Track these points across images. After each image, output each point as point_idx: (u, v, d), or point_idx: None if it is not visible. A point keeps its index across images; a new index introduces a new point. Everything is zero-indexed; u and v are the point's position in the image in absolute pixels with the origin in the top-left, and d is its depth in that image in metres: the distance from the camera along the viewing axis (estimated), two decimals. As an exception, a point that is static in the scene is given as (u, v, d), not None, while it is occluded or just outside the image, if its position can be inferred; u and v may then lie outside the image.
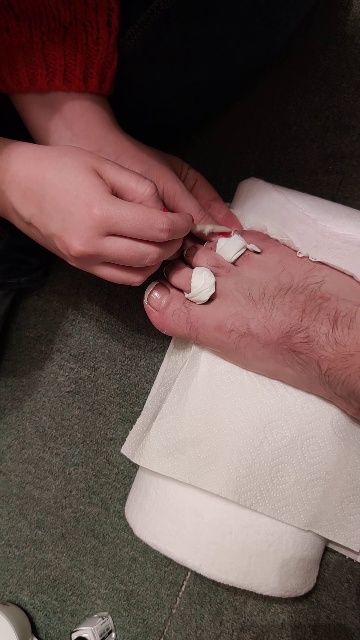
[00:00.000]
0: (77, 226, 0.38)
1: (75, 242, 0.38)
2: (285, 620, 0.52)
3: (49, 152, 0.39)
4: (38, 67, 0.41)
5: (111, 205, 0.37)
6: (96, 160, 0.39)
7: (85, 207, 0.37)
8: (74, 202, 0.37)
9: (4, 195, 0.40)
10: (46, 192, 0.38)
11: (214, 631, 0.53)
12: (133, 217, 0.38)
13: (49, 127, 0.44)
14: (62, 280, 0.61)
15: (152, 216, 0.38)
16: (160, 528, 0.45)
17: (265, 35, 0.46)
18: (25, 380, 0.61)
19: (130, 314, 0.58)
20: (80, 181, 0.38)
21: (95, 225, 0.38)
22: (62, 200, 0.38)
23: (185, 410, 0.45)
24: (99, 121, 0.44)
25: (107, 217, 0.37)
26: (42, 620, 0.59)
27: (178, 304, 0.45)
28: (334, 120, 0.53)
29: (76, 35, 0.41)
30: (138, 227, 0.38)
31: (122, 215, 0.37)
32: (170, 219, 0.39)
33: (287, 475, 0.43)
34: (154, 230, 0.38)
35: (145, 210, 0.38)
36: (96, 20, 0.41)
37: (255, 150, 0.56)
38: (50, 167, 0.38)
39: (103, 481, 0.58)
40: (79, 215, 0.37)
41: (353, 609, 0.51)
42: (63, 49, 0.41)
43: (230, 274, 0.44)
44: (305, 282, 0.42)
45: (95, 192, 0.37)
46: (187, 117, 0.54)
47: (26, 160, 0.39)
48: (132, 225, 0.38)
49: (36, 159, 0.39)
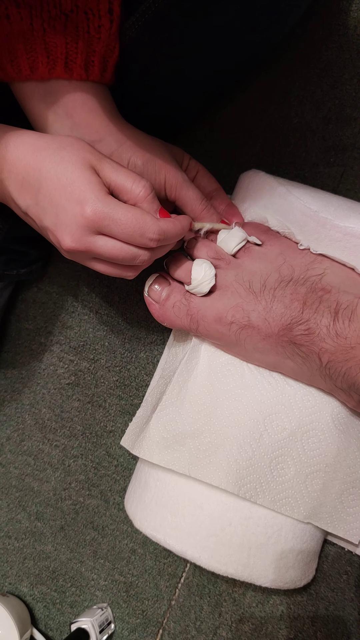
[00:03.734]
0: (69, 223, 0.38)
1: (66, 238, 0.38)
2: (283, 611, 0.52)
3: (48, 143, 0.39)
4: (39, 54, 0.41)
5: (104, 206, 0.37)
6: (95, 157, 0.39)
7: (78, 204, 0.37)
8: (67, 199, 0.37)
9: (2, 184, 0.39)
10: (42, 184, 0.38)
11: (213, 622, 0.54)
12: (125, 223, 0.37)
13: (50, 116, 0.43)
14: (61, 272, 0.60)
15: (144, 224, 0.38)
16: (160, 520, 0.45)
17: (267, 25, 0.46)
18: (24, 372, 0.61)
19: (130, 306, 0.58)
20: (76, 177, 0.37)
21: (86, 224, 0.37)
22: (56, 195, 0.38)
23: (185, 402, 0.45)
24: (100, 110, 0.44)
25: (99, 218, 0.37)
26: (42, 612, 0.59)
27: (178, 296, 0.45)
28: (336, 112, 0.53)
29: (77, 23, 0.41)
30: (128, 234, 0.38)
31: (114, 218, 0.37)
32: (162, 228, 0.39)
33: (287, 468, 0.43)
34: (144, 238, 0.38)
35: (138, 217, 0.38)
36: (97, 7, 0.40)
37: (256, 142, 0.56)
38: (47, 160, 0.38)
39: (102, 473, 0.58)
40: (72, 212, 0.37)
41: (351, 600, 0.51)
42: (64, 36, 0.41)
43: (231, 266, 0.44)
44: (306, 274, 0.42)
45: (89, 191, 0.37)
46: (188, 107, 0.53)
47: (25, 150, 0.38)
48: (122, 230, 0.38)
49: (35, 149, 0.38)
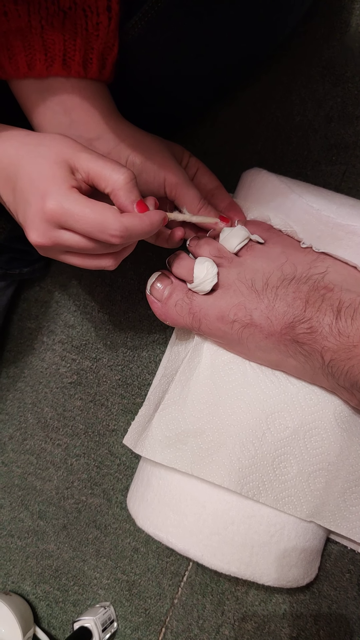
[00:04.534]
0: (33, 218, 0.37)
1: (32, 233, 0.38)
2: (286, 610, 0.52)
3: (32, 139, 0.39)
4: (37, 52, 0.41)
5: (64, 201, 0.36)
6: (72, 150, 0.38)
7: (41, 199, 0.36)
8: (33, 193, 0.37)
9: None
10: (18, 179, 0.38)
11: (216, 621, 0.54)
12: (84, 219, 0.36)
13: (48, 113, 0.43)
14: (63, 271, 0.60)
15: (103, 220, 0.36)
16: (162, 519, 0.45)
17: (269, 24, 0.46)
18: (27, 371, 0.61)
19: (132, 305, 0.58)
20: (43, 171, 0.37)
21: (47, 219, 0.37)
22: (26, 190, 0.37)
23: (188, 400, 0.45)
24: (98, 108, 0.44)
25: (59, 213, 0.36)
26: (45, 610, 0.59)
27: (180, 294, 0.45)
28: (338, 110, 0.53)
29: (75, 20, 0.41)
30: (88, 230, 0.37)
31: (73, 214, 0.36)
32: (124, 224, 0.37)
33: (290, 466, 0.43)
34: (105, 234, 0.37)
35: (97, 213, 0.36)
36: (96, 4, 0.40)
37: (258, 141, 0.56)
38: (26, 156, 0.38)
39: (105, 472, 0.58)
40: (35, 207, 0.37)
41: (354, 599, 0.51)
42: (62, 33, 0.41)
43: (233, 265, 0.44)
44: (309, 272, 0.42)
45: (52, 184, 0.36)
46: (189, 105, 0.53)
47: (9, 146, 0.38)
48: (82, 226, 0.36)
49: (19, 144, 0.38)
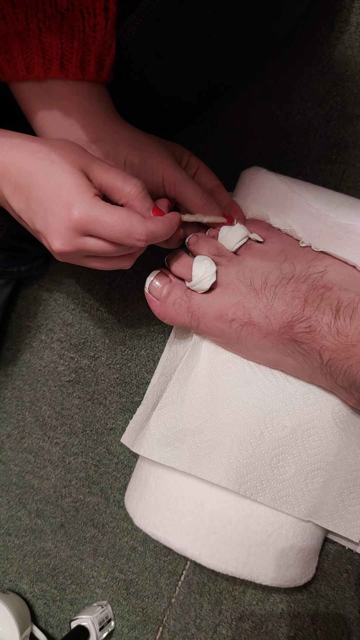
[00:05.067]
0: (58, 226, 0.38)
1: (56, 241, 0.38)
2: (284, 609, 0.52)
3: (40, 146, 0.39)
4: (34, 55, 0.41)
5: (91, 209, 0.37)
6: (85, 159, 0.39)
7: (65, 208, 0.37)
8: (56, 202, 0.37)
9: None
10: (32, 188, 0.38)
11: (213, 620, 0.54)
12: (112, 225, 0.37)
13: (47, 116, 0.43)
14: (62, 270, 0.60)
15: (130, 226, 0.38)
16: (160, 518, 0.44)
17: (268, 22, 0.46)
18: (25, 370, 0.61)
19: (131, 303, 0.58)
20: (64, 181, 0.37)
21: (74, 227, 0.37)
22: (45, 199, 0.38)
23: (186, 399, 0.45)
24: (96, 110, 0.44)
25: (86, 221, 0.37)
26: (42, 609, 0.59)
27: (179, 293, 0.45)
28: (338, 110, 0.53)
29: (73, 22, 0.41)
30: (115, 236, 0.38)
31: (100, 221, 0.37)
32: (149, 228, 0.38)
33: (288, 466, 0.43)
34: (131, 239, 0.38)
35: (125, 219, 0.37)
36: (93, 6, 0.40)
37: (257, 140, 0.55)
38: (38, 163, 0.38)
39: (103, 471, 0.58)
40: (60, 216, 0.37)
41: (352, 599, 0.51)
42: (60, 36, 0.41)
43: (232, 263, 0.44)
44: (308, 271, 0.42)
45: (76, 194, 0.37)
46: (188, 105, 0.53)
47: (17, 153, 0.38)
48: (109, 232, 0.38)
49: (27, 153, 0.38)
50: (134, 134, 0.44)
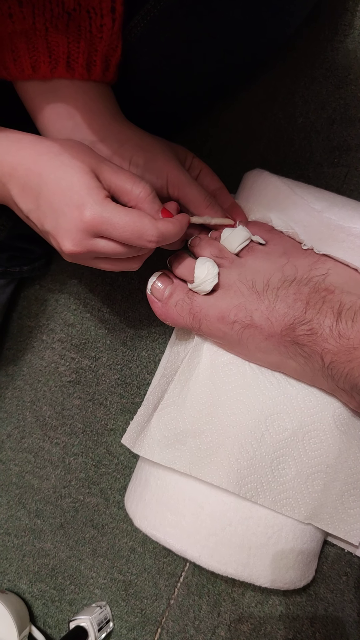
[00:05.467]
0: (69, 227, 0.38)
1: (66, 242, 0.39)
2: (282, 612, 0.52)
3: (49, 147, 0.39)
4: (41, 54, 0.41)
5: (103, 211, 0.37)
6: (94, 160, 0.39)
7: (77, 209, 0.37)
8: (67, 203, 0.38)
9: (5, 187, 0.40)
10: (42, 189, 0.38)
11: (212, 622, 0.54)
12: (123, 226, 0.38)
13: (52, 115, 0.43)
14: (64, 270, 0.60)
15: (142, 227, 0.38)
16: (160, 519, 0.44)
17: (272, 24, 0.46)
18: (26, 370, 0.61)
19: (132, 304, 0.58)
20: (75, 182, 0.38)
21: (85, 228, 0.38)
22: (56, 200, 0.38)
23: (187, 401, 0.45)
24: (102, 110, 0.44)
25: (98, 223, 0.37)
26: (40, 609, 0.59)
27: (181, 294, 0.45)
28: (340, 113, 0.53)
29: (80, 22, 0.41)
30: (127, 237, 0.38)
31: (112, 223, 0.37)
32: (160, 229, 0.39)
33: (288, 468, 0.43)
34: (142, 240, 0.39)
35: (136, 221, 0.38)
36: (100, 6, 0.40)
37: (260, 142, 0.55)
38: (48, 164, 0.38)
39: (103, 471, 0.58)
40: (71, 217, 0.38)
41: (351, 602, 0.51)
42: (66, 35, 0.41)
43: (234, 265, 0.44)
44: (310, 274, 0.42)
45: (88, 195, 0.37)
46: (191, 106, 0.53)
47: (26, 154, 0.38)
48: (121, 234, 0.38)
49: (36, 153, 0.38)
50: (138, 134, 0.45)
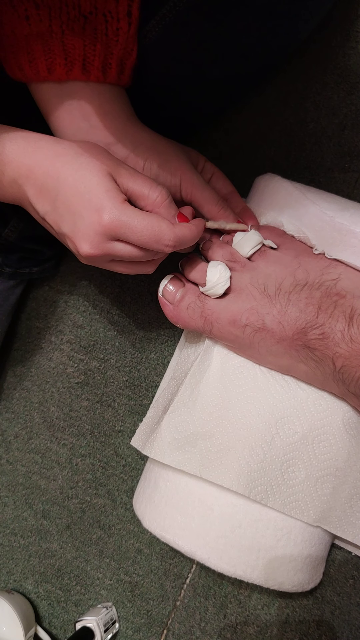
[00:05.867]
0: (87, 230, 0.38)
1: (84, 245, 0.39)
2: (289, 615, 0.52)
3: (66, 149, 0.39)
4: (57, 56, 0.41)
5: (121, 214, 0.38)
6: (112, 163, 0.39)
7: (96, 212, 0.38)
8: (85, 206, 0.38)
9: (21, 189, 0.40)
10: (60, 191, 0.38)
11: (218, 624, 0.54)
12: (141, 231, 0.38)
13: (66, 117, 0.44)
14: (73, 272, 0.61)
15: (159, 231, 0.38)
16: (169, 520, 0.45)
17: (286, 30, 0.46)
18: (34, 371, 0.61)
19: (142, 306, 0.58)
20: (94, 185, 0.38)
21: (103, 231, 0.38)
22: (74, 202, 0.38)
23: (198, 403, 0.45)
24: (116, 113, 0.44)
25: (116, 226, 0.38)
26: (46, 610, 0.59)
27: (193, 297, 0.45)
28: (352, 118, 0.53)
29: (96, 25, 0.41)
30: (144, 241, 0.38)
31: (130, 226, 0.38)
32: (177, 234, 0.39)
33: (298, 471, 0.43)
34: (160, 245, 0.39)
35: (154, 225, 0.38)
36: (116, 10, 0.40)
37: (271, 147, 0.56)
38: (66, 166, 0.38)
39: (110, 473, 0.58)
40: (89, 220, 0.38)
41: (357, 605, 0.51)
42: (82, 38, 0.41)
43: (246, 269, 0.44)
44: (321, 278, 0.42)
45: (107, 198, 0.38)
46: (204, 110, 0.53)
47: (43, 156, 0.39)
48: (139, 237, 0.38)
49: (53, 155, 0.39)
50: (152, 137, 0.45)
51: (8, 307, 0.58)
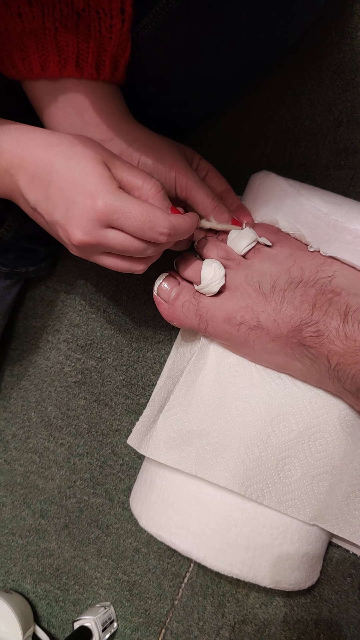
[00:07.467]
0: (80, 216, 0.38)
1: (77, 231, 0.38)
2: (287, 613, 0.52)
3: (60, 139, 0.39)
4: (50, 53, 0.41)
5: (116, 200, 0.37)
6: (107, 153, 0.39)
7: (89, 198, 0.37)
8: (79, 192, 0.37)
9: (12, 179, 0.39)
10: (53, 179, 0.38)
11: (216, 623, 0.54)
12: (136, 215, 0.37)
13: (60, 114, 0.44)
14: (69, 271, 0.60)
15: (154, 217, 0.38)
16: (166, 519, 0.45)
17: (280, 27, 0.46)
18: (31, 370, 0.61)
19: (138, 305, 0.58)
20: (88, 171, 0.38)
21: (97, 217, 0.37)
22: (67, 189, 0.38)
23: (193, 402, 0.45)
24: (110, 110, 0.44)
25: (110, 211, 0.37)
26: (45, 609, 0.59)
27: (188, 295, 0.45)
28: (347, 115, 0.53)
29: (89, 22, 0.41)
30: (139, 227, 0.38)
31: (125, 211, 0.37)
32: (172, 222, 0.39)
33: (294, 469, 0.43)
34: (154, 232, 0.38)
35: (149, 211, 0.38)
36: (109, 7, 0.40)
37: (267, 144, 0.56)
38: (60, 154, 0.38)
39: (108, 472, 0.58)
40: (83, 206, 0.37)
41: (355, 603, 0.51)
42: (76, 35, 0.41)
43: (241, 267, 0.44)
44: (316, 276, 0.42)
45: (101, 184, 0.37)
46: (199, 108, 0.53)
47: (36, 145, 0.38)
48: (133, 223, 0.38)
49: (47, 144, 0.38)
50: (147, 134, 0.45)
51: (5, 307, 0.58)
